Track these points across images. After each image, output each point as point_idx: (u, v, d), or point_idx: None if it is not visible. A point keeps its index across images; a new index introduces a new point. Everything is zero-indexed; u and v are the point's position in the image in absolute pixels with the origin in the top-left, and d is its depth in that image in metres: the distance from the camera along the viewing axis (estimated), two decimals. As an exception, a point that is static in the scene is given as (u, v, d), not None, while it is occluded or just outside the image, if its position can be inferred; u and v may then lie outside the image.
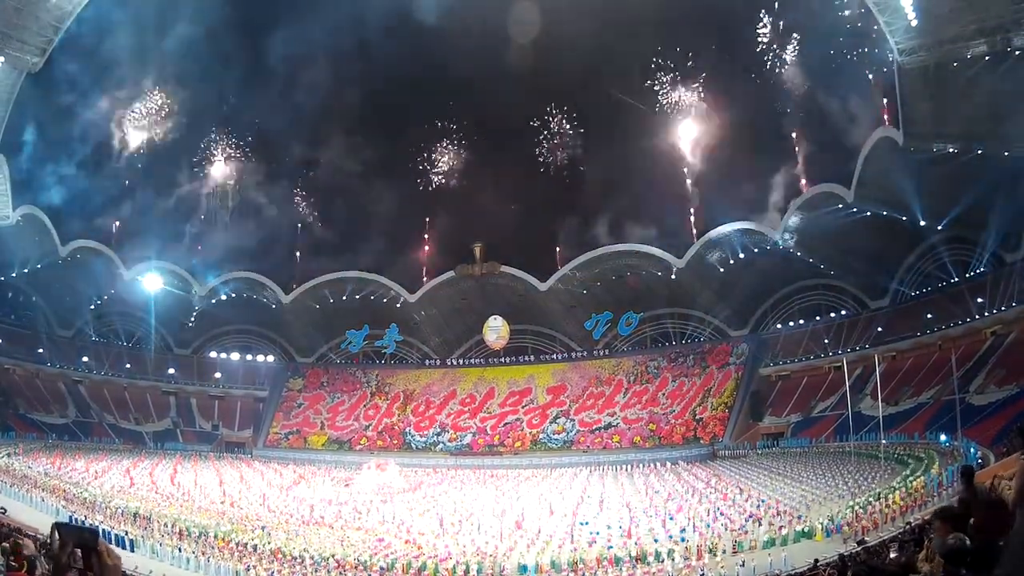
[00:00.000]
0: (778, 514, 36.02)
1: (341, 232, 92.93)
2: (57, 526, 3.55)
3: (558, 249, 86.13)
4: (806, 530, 31.88)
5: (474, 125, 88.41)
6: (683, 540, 32.85)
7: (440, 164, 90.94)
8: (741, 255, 71.87)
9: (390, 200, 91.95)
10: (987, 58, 39.10)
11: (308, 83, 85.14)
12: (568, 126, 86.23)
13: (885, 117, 53.91)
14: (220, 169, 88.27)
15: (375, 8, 75.28)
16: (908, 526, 26.32)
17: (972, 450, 37.37)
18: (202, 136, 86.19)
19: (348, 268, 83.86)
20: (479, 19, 73.55)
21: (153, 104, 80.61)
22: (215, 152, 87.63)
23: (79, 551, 3.45)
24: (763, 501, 40.25)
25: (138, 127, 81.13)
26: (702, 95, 79.00)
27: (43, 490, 41.18)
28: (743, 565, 27.83)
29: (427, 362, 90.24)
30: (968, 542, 4.12)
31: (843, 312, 70.67)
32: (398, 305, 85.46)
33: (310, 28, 77.84)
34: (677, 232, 79.98)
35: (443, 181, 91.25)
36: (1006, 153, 46.68)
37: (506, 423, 78.99)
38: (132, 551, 30.41)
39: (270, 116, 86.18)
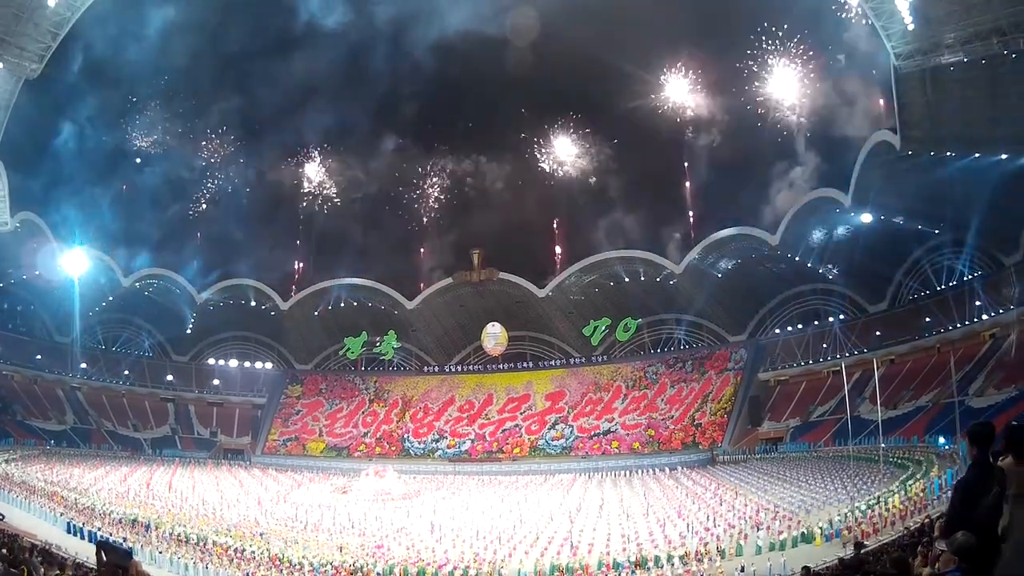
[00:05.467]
0: (777, 518, 35.96)
1: (340, 239, 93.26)
2: (100, 545, 3.65)
3: (557, 255, 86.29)
4: (805, 534, 31.80)
5: (472, 130, 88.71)
6: (688, 533, 32.90)
7: (439, 170, 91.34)
8: (739, 260, 71.94)
9: (389, 207, 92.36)
10: (983, 62, 39.18)
11: (308, 92, 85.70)
12: (567, 131, 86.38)
13: (883, 121, 54.04)
14: (219, 175, 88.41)
15: (370, 19, 75.83)
16: (907, 530, 26.25)
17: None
18: (201, 143, 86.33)
19: (347, 275, 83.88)
20: (475, 24, 73.80)
21: (152, 109, 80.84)
22: (214, 159, 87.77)
23: (119, 569, 3.53)
24: (753, 510, 40.12)
25: (137, 132, 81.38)
26: (701, 99, 79.24)
27: (41, 496, 41.09)
28: (742, 570, 27.78)
29: (425, 368, 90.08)
30: (975, 540, 4.21)
31: (841, 316, 70.55)
32: (396, 312, 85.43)
33: (308, 38, 78.41)
34: (676, 237, 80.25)
35: (442, 187, 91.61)
36: (1003, 156, 46.82)
37: (505, 429, 78.81)
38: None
39: (267, 120, 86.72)
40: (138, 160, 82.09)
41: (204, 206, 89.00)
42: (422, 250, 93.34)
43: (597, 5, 73.67)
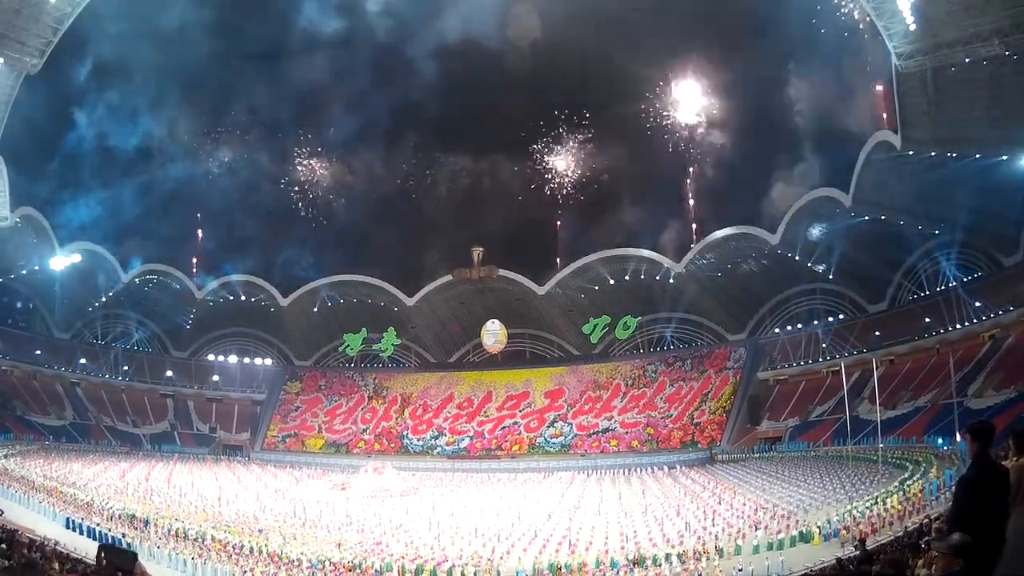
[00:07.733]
0: (775, 518, 35.99)
1: (340, 236, 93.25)
2: (103, 548, 3.65)
3: (557, 253, 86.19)
4: (804, 534, 31.82)
5: (475, 129, 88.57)
6: (686, 531, 32.97)
7: (440, 169, 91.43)
8: (739, 259, 71.88)
9: (390, 205, 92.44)
10: (984, 62, 39.18)
11: (312, 91, 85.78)
12: (568, 130, 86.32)
13: (884, 119, 53.85)
14: (219, 171, 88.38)
15: (374, 21, 75.94)
16: (906, 531, 26.28)
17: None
18: (202, 137, 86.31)
19: (347, 272, 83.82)
20: (478, 28, 73.77)
21: (154, 104, 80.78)
22: (214, 154, 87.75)
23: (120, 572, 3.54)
24: (752, 509, 40.14)
25: (138, 128, 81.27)
26: (702, 100, 79.14)
27: (40, 492, 41.07)
28: (740, 569, 27.79)
29: (425, 366, 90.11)
30: (971, 540, 4.23)
31: (841, 316, 70.58)
32: (396, 309, 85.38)
33: (312, 39, 78.62)
34: (676, 236, 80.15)
35: (442, 185, 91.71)
36: (1004, 157, 46.79)
37: (504, 427, 78.84)
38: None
39: (268, 118, 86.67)
40: (139, 156, 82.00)
41: (204, 202, 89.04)
42: (423, 247, 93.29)
43: (599, 9, 73.58)
